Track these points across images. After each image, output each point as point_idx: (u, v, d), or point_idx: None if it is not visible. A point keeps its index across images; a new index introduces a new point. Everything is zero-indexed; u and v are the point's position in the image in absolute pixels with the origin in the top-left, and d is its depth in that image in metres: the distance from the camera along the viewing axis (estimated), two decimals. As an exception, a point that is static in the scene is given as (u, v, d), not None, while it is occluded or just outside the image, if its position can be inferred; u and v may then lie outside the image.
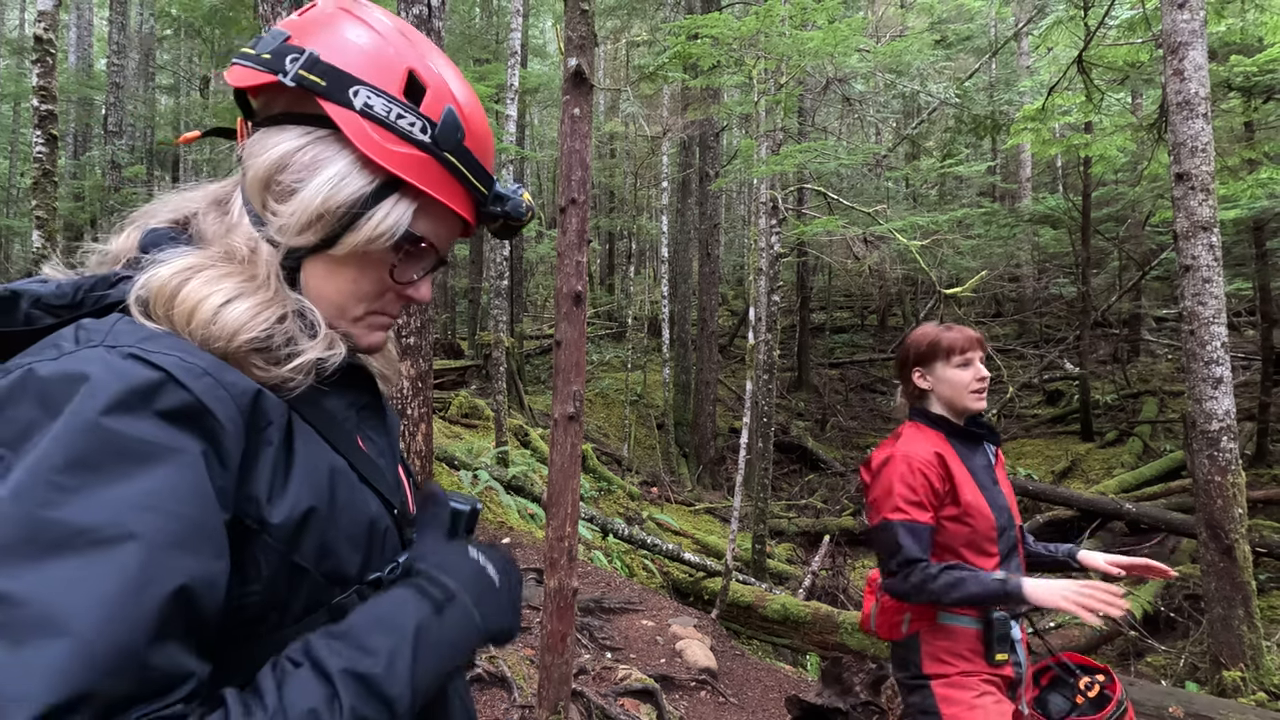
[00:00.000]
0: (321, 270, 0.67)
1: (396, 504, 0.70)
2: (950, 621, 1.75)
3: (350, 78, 0.65)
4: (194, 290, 0.59)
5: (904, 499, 1.71)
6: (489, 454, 7.19)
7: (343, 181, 0.65)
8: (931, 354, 1.84)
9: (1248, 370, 10.68)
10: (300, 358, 0.62)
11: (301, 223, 0.65)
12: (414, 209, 0.68)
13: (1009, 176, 16.02)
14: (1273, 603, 6.14)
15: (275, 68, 0.65)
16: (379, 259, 0.68)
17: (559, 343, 2.49)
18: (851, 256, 7.91)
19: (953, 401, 1.84)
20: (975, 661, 1.73)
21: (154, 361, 0.53)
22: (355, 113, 0.64)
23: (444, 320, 16.22)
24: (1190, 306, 4.67)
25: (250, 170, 0.66)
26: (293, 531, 0.58)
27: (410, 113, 0.66)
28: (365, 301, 0.70)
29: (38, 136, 4.57)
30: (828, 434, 13.06)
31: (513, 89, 8.25)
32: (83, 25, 14.85)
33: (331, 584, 0.61)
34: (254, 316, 0.60)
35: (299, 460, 0.60)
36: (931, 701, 1.74)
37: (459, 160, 0.68)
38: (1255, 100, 7.67)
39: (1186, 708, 3.68)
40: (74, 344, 0.54)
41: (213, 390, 0.55)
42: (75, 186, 12.20)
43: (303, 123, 0.66)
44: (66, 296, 0.59)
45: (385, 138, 0.65)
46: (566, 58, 2.47)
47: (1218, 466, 4.57)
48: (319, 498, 0.60)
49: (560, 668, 2.48)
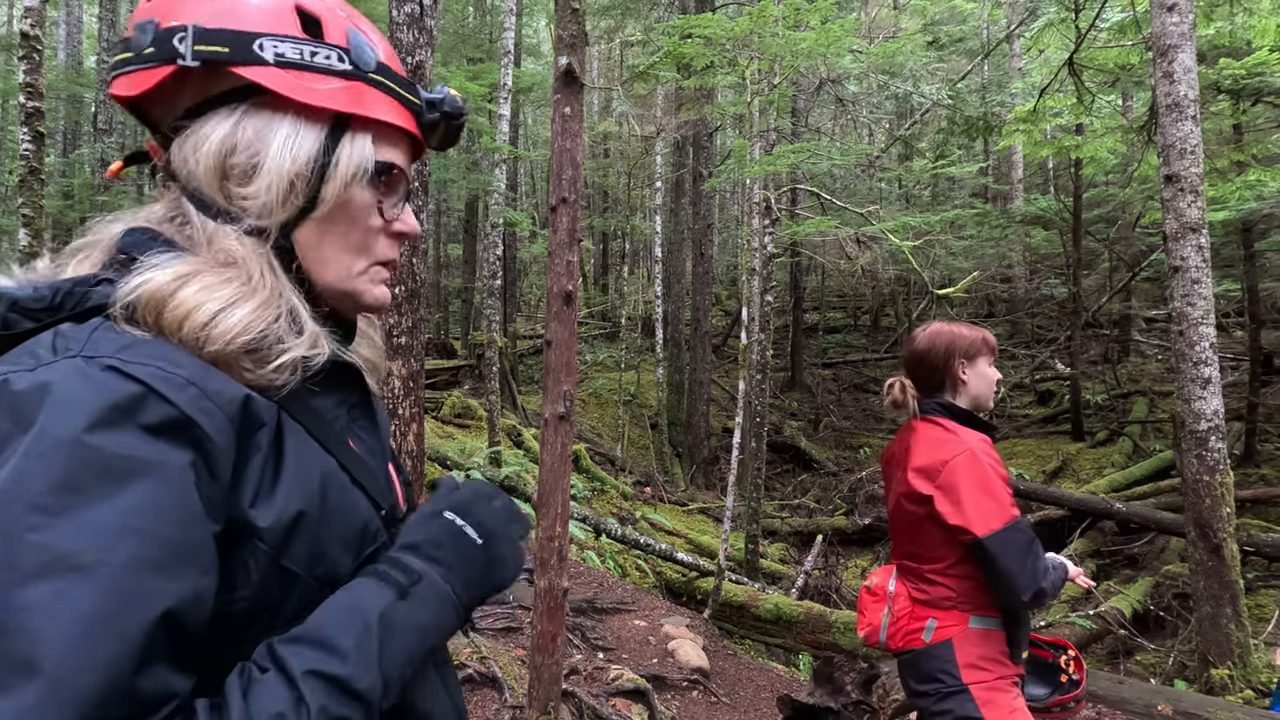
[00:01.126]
0: (313, 236, 0.66)
1: (385, 505, 0.69)
2: (983, 625, 1.72)
3: (248, 34, 0.61)
4: (190, 297, 0.57)
5: (1006, 499, 1.68)
6: (482, 454, 7.17)
7: (298, 138, 0.63)
8: (976, 350, 1.84)
9: (1236, 371, 10.76)
10: (284, 357, 0.60)
11: (280, 194, 0.62)
12: (370, 139, 0.66)
13: (1001, 178, 16.10)
14: (1260, 601, 6.19)
15: (166, 56, 0.60)
16: (360, 203, 0.67)
17: (550, 342, 2.48)
18: (844, 257, 7.93)
19: (982, 398, 1.85)
20: (1006, 664, 1.73)
21: (133, 374, 0.52)
22: (272, 66, 0.61)
23: (437, 320, 16.18)
24: (1179, 307, 4.70)
25: (195, 170, 0.63)
26: (282, 535, 0.57)
27: (321, 46, 0.64)
28: (364, 254, 0.69)
29: (25, 134, 4.53)
30: (821, 434, 13.09)
31: (506, 88, 8.23)
32: (72, 22, 14.74)
33: (323, 586, 0.60)
34: (251, 320, 0.59)
35: (289, 463, 0.59)
36: (973, 706, 1.68)
37: (384, 77, 0.67)
38: (1244, 103, 7.74)
39: (1175, 706, 3.70)
40: (51, 353, 0.53)
41: (197, 401, 0.53)
42: (64, 185, 12.12)
43: (218, 103, 0.62)
44: (45, 300, 0.57)
45: (312, 79, 0.63)
46: (557, 56, 2.46)
47: (1206, 466, 4.60)
48: (309, 501, 0.59)
49: (551, 668, 2.48)
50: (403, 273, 3.07)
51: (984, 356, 1.85)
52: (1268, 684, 4.33)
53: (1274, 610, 5.85)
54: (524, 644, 3.57)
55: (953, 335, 1.85)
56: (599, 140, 16.71)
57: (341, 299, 0.69)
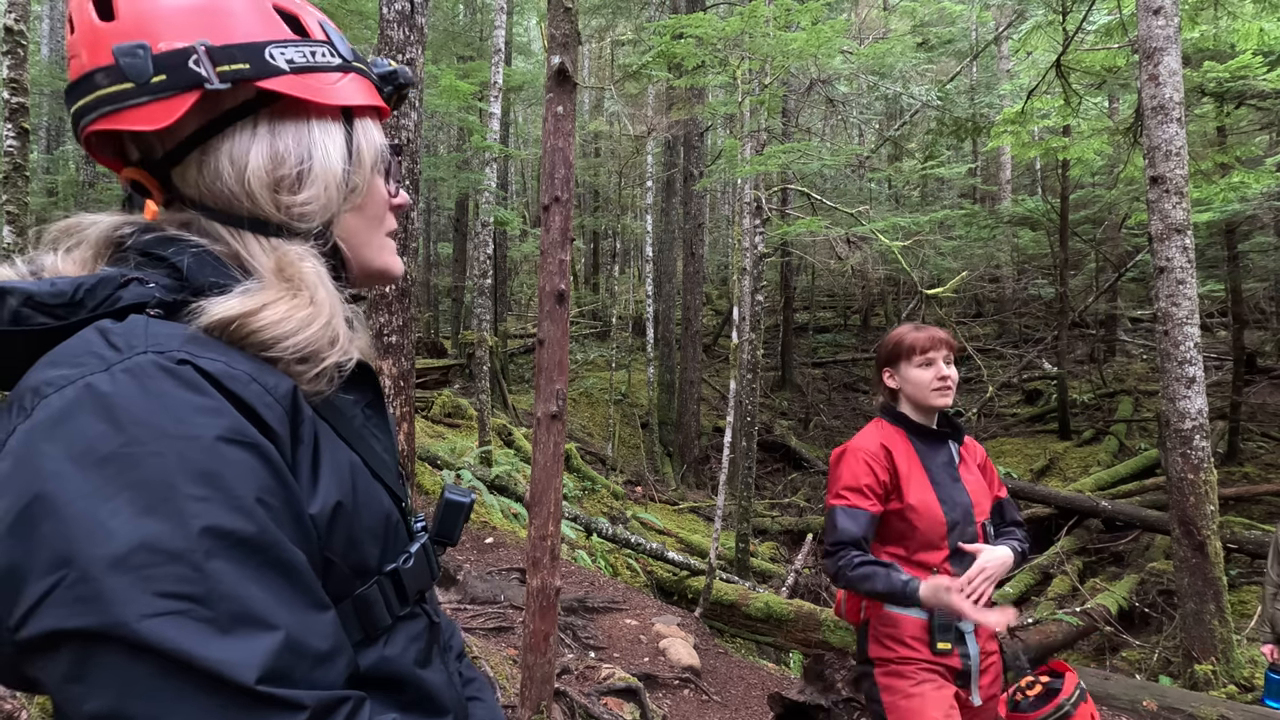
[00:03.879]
0: (351, 225, 0.69)
1: (404, 497, 0.72)
2: (895, 609, 1.80)
3: (256, 45, 0.61)
4: (269, 322, 0.58)
5: (846, 486, 1.81)
6: (472, 453, 7.15)
7: (329, 139, 0.65)
8: (897, 354, 1.91)
9: (1220, 370, 10.90)
10: (326, 363, 0.62)
11: (338, 193, 0.66)
12: (370, 123, 0.70)
13: (989, 179, 16.22)
14: (1243, 597, 6.28)
15: (186, 82, 0.58)
16: (379, 185, 0.71)
17: (541, 341, 2.48)
18: (834, 257, 7.97)
19: (916, 399, 1.89)
20: (918, 649, 1.77)
21: (206, 369, 0.53)
22: (289, 74, 0.62)
23: (427, 319, 16.11)
24: (1164, 307, 4.75)
25: (235, 190, 0.62)
26: (325, 525, 0.58)
27: (312, 44, 0.64)
28: (383, 226, 0.73)
29: (9, 129, 4.47)
30: (811, 433, 13.15)
31: (496, 87, 8.21)
32: (55, 16, 14.57)
33: (355, 576, 0.62)
34: (312, 337, 0.61)
35: (325, 455, 0.61)
36: (875, 690, 1.80)
37: (359, 63, 0.69)
38: (1227, 105, 7.84)
39: (1160, 701, 3.75)
40: (113, 350, 0.52)
41: (261, 397, 0.55)
42: (49, 182, 11.98)
43: (230, 119, 0.62)
44: (65, 296, 0.56)
45: (321, 79, 0.64)
46: (550, 55, 2.46)
47: (1191, 464, 4.66)
48: (344, 492, 0.61)
49: (543, 667, 2.48)
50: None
51: (904, 360, 1.89)
52: (1250, 679, 4.39)
53: (1256, 606, 5.93)
54: (516, 643, 3.57)
55: (881, 347, 1.98)
56: (590, 139, 16.70)
57: (375, 278, 0.73)
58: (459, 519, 0.76)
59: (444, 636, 0.77)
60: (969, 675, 1.80)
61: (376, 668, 0.63)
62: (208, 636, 0.47)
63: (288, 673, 0.49)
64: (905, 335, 1.90)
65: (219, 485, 0.50)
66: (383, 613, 0.64)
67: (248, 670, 0.47)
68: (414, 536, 0.72)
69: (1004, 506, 1.97)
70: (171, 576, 0.47)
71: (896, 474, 1.81)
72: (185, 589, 0.47)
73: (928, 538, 1.79)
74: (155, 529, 0.48)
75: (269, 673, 0.48)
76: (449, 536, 0.76)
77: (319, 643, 0.52)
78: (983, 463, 1.99)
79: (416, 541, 0.71)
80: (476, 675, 0.87)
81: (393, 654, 0.64)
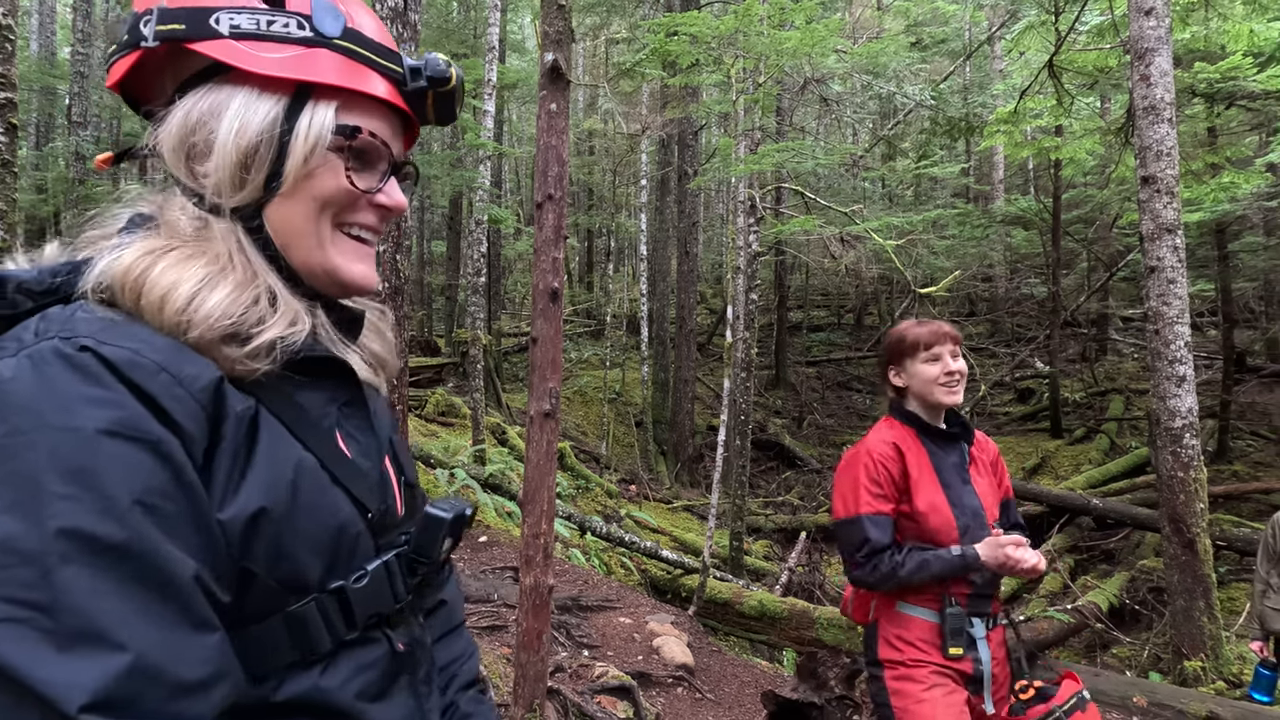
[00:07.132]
0: (283, 211, 0.63)
1: (374, 508, 0.65)
2: (907, 610, 1.77)
3: (204, 9, 0.60)
4: (162, 276, 0.56)
5: (869, 492, 1.76)
6: (466, 452, 7.14)
7: (248, 111, 0.60)
8: (901, 350, 1.87)
9: (1210, 369, 10.98)
10: (261, 338, 0.58)
11: (231, 170, 0.60)
12: (334, 108, 0.63)
13: (982, 178, 16.29)
14: (1232, 594, 6.33)
15: (135, 40, 0.61)
16: (329, 170, 0.63)
17: (535, 339, 2.48)
18: (828, 256, 7.98)
19: (923, 396, 1.84)
20: (929, 652, 1.74)
21: (107, 356, 0.51)
22: (226, 39, 0.60)
23: (420, 317, 16.06)
24: (1155, 307, 4.78)
25: (164, 153, 0.62)
26: (240, 532, 0.54)
27: (280, 15, 0.62)
28: (331, 209, 0.65)
29: (-3, 126, 4.43)
30: (805, 431, 13.18)
31: (490, 84, 8.18)
32: (45, 12, 14.44)
33: (287, 591, 0.57)
34: (230, 303, 0.57)
35: (260, 457, 0.56)
36: (884, 694, 1.76)
37: (352, 43, 0.64)
38: (1218, 106, 7.89)
39: (1150, 697, 3.78)
40: (33, 336, 0.52)
41: (169, 388, 0.52)
42: (38, 178, 11.87)
43: (192, 85, 0.62)
44: (44, 282, 0.57)
45: (268, 49, 0.61)
46: (543, 53, 2.45)
47: (1181, 462, 4.69)
48: (275, 498, 0.56)
49: (536, 665, 2.48)
50: (386, 269, 3.04)
51: (909, 357, 1.85)
52: (1239, 675, 4.43)
53: (1245, 603, 5.98)
54: (509, 642, 3.56)
55: (884, 346, 1.94)
56: (584, 137, 16.66)
57: (321, 279, 0.66)
58: (438, 536, 0.69)
59: (427, 668, 0.70)
60: (981, 681, 1.77)
61: (306, 696, 0.57)
62: (41, 652, 0.43)
63: (131, 701, 0.45)
64: (909, 331, 1.86)
65: (90, 484, 0.47)
66: (321, 635, 0.58)
67: (75, 694, 0.43)
68: (380, 552, 0.65)
69: (1008, 507, 1.95)
70: (16, 580, 0.44)
71: (907, 475, 1.78)
72: (29, 595, 0.44)
73: (938, 541, 1.76)
74: (10, 527, 0.45)
75: (102, 700, 0.43)
76: (426, 556, 0.68)
77: (186, 670, 0.47)
78: (994, 460, 1.95)
79: (380, 558, 0.64)
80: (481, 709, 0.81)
81: (330, 684, 0.59)
